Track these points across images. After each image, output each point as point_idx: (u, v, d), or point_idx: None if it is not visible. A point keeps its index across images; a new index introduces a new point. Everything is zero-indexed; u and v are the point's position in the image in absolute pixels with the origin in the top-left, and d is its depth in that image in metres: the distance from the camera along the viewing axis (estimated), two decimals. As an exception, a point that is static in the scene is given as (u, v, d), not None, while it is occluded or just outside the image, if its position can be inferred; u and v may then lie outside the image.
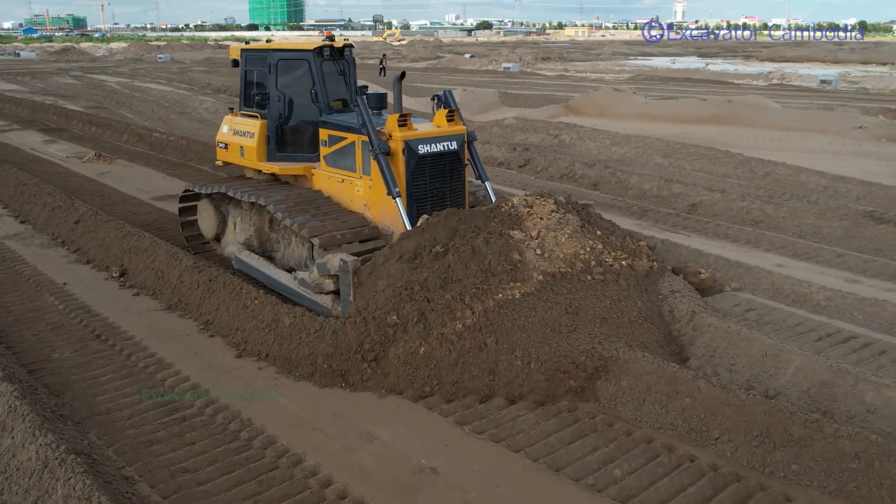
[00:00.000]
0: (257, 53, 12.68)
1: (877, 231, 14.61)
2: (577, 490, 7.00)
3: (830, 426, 7.27)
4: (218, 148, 13.41)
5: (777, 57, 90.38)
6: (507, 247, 9.45)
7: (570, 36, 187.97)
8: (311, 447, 7.66)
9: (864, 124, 26.88)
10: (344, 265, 9.64)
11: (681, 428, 7.86)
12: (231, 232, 13.08)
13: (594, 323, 9.09)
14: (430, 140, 10.88)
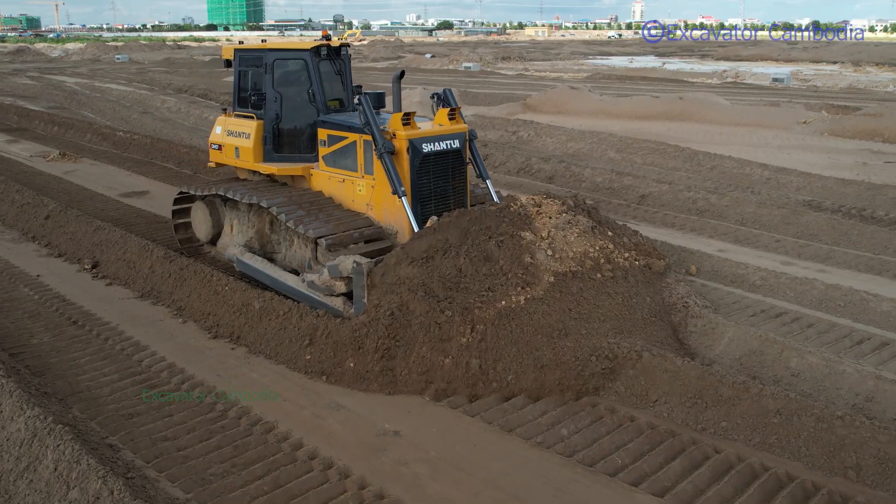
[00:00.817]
0: (252, 53, 12.51)
1: (813, 218, 15.54)
2: (527, 447, 7.69)
3: (756, 387, 8.06)
4: (211, 150, 13.25)
5: (732, 56, 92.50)
6: (518, 249, 9.40)
7: (531, 36, 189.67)
8: (283, 416, 8.26)
9: (807, 119, 28.09)
10: (358, 267, 9.58)
11: (623, 393, 8.57)
12: (228, 234, 13.01)
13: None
14: (434, 139, 10.83)
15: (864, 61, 79.60)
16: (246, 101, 12.52)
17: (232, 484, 7.05)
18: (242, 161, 12.54)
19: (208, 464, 7.38)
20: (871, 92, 45.58)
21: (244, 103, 12.59)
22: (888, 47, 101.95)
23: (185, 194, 13.64)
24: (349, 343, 9.09)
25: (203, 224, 13.34)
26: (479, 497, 6.86)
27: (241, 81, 12.69)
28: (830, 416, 7.55)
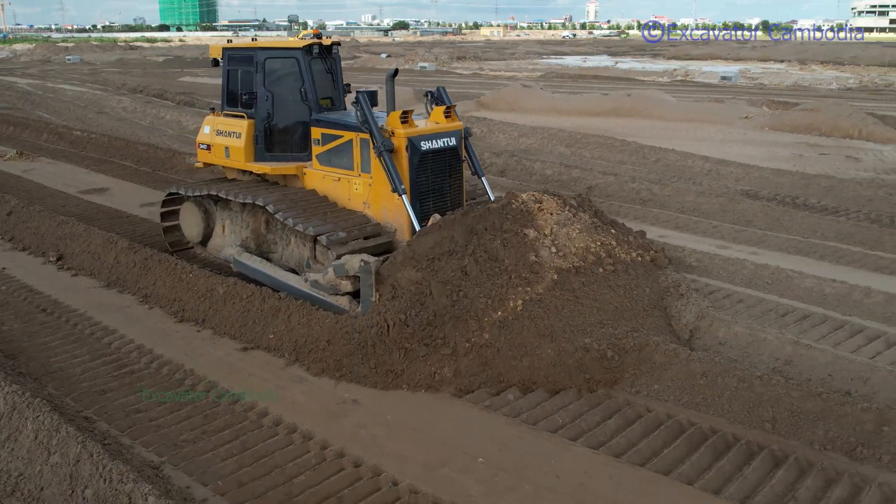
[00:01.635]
0: (242, 52, 12.40)
1: (749, 206, 16.48)
2: (476, 411, 8.36)
3: (685, 353, 8.82)
4: (199, 150, 13.14)
5: (683, 55, 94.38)
6: (523, 247, 9.53)
7: (486, 36, 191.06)
8: (248, 388, 8.82)
9: (749, 115, 29.26)
10: (366, 266, 9.54)
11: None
12: (220, 235, 12.94)
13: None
14: (432, 136, 10.85)
15: (810, 60, 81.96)
16: (235, 100, 12.42)
17: (203, 448, 7.61)
18: (233, 161, 12.47)
19: (180, 431, 7.93)
20: (815, 89, 47.25)
21: (234, 102, 12.50)
22: (833, 46, 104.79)
23: (174, 195, 13.47)
24: (358, 343, 9.15)
25: (193, 225, 13.24)
26: (432, 452, 7.51)
27: (231, 80, 12.58)
28: (750, 377, 8.34)
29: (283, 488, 6.94)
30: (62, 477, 6.94)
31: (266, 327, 10.14)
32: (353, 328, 9.25)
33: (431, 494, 6.81)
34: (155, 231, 15.18)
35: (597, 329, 9.15)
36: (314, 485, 6.98)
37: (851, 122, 27.15)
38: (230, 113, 12.57)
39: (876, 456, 7.35)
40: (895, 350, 9.71)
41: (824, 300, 11.33)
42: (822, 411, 7.83)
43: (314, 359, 9.40)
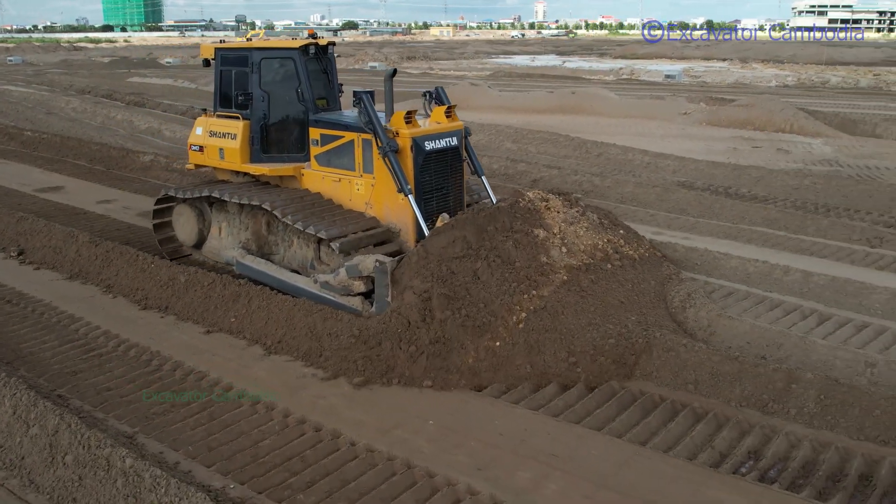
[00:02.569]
0: (236, 53, 12.32)
1: (684, 195, 17.47)
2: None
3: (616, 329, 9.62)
4: (191, 151, 13.02)
5: (629, 54, 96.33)
6: (534, 248, 9.68)
7: (436, 36, 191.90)
8: (213, 367, 9.40)
9: (688, 111, 30.50)
10: (381, 266, 9.58)
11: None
12: (216, 237, 12.85)
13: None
14: (435, 136, 10.88)
15: (751, 58, 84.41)
16: (229, 101, 12.39)
17: (173, 419, 8.20)
18: (228, 162, 12.41)
19: (150, 406, 8.49)
20: (755, 87, 48.93)
21: (227, 103, 12.45)
22: (773, 45, 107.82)
23: (169, 197, 13.29)
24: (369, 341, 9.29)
25: (188, 227, 13.12)
26: (385, 418, 8.20)
27: (224, 81, 12.50)
28: (676, 345, 9.17)
29: (250, 451, 7.56)
30: (42, 446, 7.47)
31: (227, 311, 10.71)
32: (364, 327, 9.42)
33: (386, 452, 7.50)
34: (114, 227, 15.63)
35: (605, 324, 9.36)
36: (278, 447, 7.63)
37: (783, 117, 28.52)
38: (224, 114, 12.51)
39: (785, 410, 8.23)
40: (809, 320, 10.66)
41: (748, 278, 12.27)
42: (738, 373, 8.70)
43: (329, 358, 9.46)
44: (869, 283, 11.74)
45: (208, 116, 12.86)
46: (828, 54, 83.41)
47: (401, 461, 7.36)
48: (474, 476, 7.12)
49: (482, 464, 7.34)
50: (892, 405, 7.83)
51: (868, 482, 7.12)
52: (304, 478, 7.10)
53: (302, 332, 9.92)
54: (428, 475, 7.15)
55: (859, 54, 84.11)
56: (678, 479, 7.11)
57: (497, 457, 7.48)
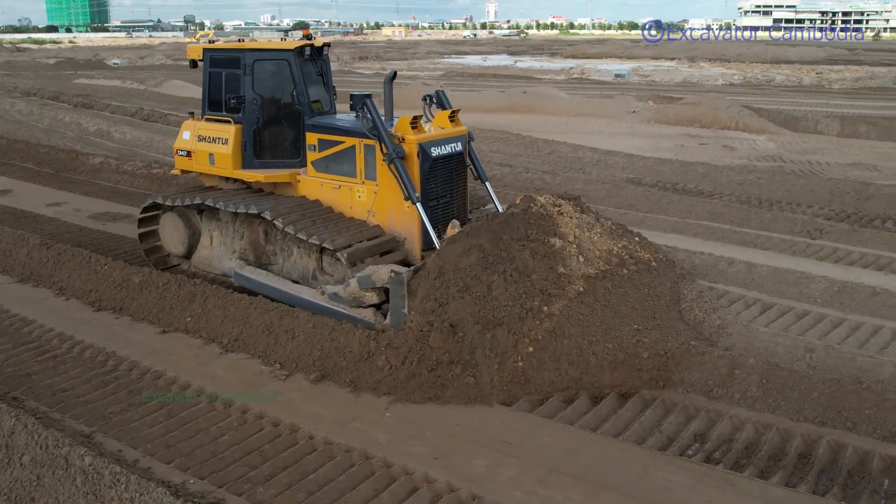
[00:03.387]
0: (227, 54, 11.77)
1: (632, 191, 17.88)
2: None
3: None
4: (177, 156, 12.47)
5: (580, 54, 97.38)
6: (551, 258, 9.32)
7: (388, 36, 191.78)
8: (170, 365, 9.45)
9: (636, 109, 31.08)
10: (397, 277, 9.21)
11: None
12: (207, 247, 12.29)
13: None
14: (441, 142, 10.53)
15: (699, 57, 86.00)
16: (219, 104, 11.86)
17: (130, 418, 8.24)
18: (219, 168, 11.90)
19: (107, 405, 8.52)
20: (703, 85, 49.94)
21: (216, 106, 11.93)
22: (719, 45, 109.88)
23: (156, 205, 12.67)
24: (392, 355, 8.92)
25: (176, 237, 12.52)
26: (344, 410, 8.35)
27: (213, 83, 11.95)
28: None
29: (209, 447, 7.65)
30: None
31: (183, 311, 10.74)
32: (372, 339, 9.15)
33: (344, 444, 7.65)
34: (65, 229, 15.48)
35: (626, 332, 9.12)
36: (237, 442, 7.73)
37: (729, 115, 29.25)
38: (213, 118, 12.02)
39: (729, 394, 8.57)
40: (752, 309, 11.07)
41: (693, 270, 12.64)
42: (685, 360, 9.00)
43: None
44: (809, 273, 12.21)
45: (196, 120, 12.36)
46: (772, 53, 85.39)
47: (359, 452, 7.51)
48: (431, 465, 7.30)
49: (439, 453, 7.53)
50: (830, 388, 8.21)
51: (807, 460, 7.47)
52: (263, 471, 7.22)
53: (258, 330, 10.01)
54: (385, 465, 7.32)
55: (803, 53, 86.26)
56: (627, 461, 7.38)
57: (453, 446, 7.67)
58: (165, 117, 31.24)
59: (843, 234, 14.72)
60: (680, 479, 7.10)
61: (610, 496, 6.87)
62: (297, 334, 9.69)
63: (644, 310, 9.50)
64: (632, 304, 9.46)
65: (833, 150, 25.25)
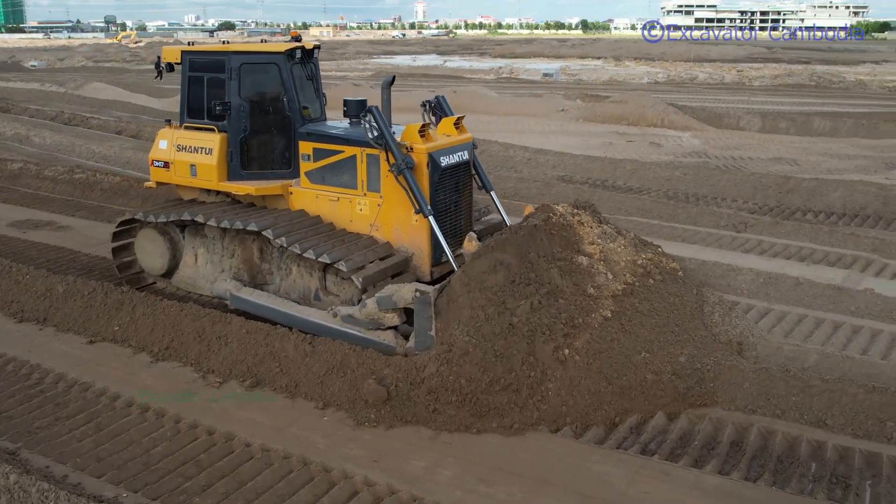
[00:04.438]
0: (210, 57, 11.07)
1: (563, 189, 18.11)
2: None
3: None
4: (153, 167, 11.67)
5: (508, 53, 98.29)
6: (579, 276, 8.84)
7: (316, 36, 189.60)
8: (99, 376, 9.17)
9: (565, 108, 31.49)
10: (423, 297, 8.55)
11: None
12: (191, 266, 11.52)
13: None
14: (449, 151, 10.06)
15: (624, 57, 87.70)
16: (199, 112, 11.13)
17: (58, 432, 7.97)
18: (202, 180, 11.13)
19: (32, 420, 8.22)
20: (628, 84, 50.93)
21: (197, 114, 11.20)
22: (645, 44, 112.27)
23: (134, 221, 11.75)
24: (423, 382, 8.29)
25: (155, 255, 11.63)
26: (280, 416, 8.24)
27: (193, 89, 11.23)
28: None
29: (142, 459, 7.45)
30: (-86, 469, 7.12)
31: (111, 320, 10.44)
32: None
33: (282, 450, 7.54)
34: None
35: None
36: (171, 453, 7.54)
37: (655, 113, 29.89)
38: (193, 125, 11.29)
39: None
40: (681, 303, 11.29)
41: (625, 266, 12.86)
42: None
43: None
44: (735, 266, 12.56)
45: (174, 128, 11.57)
46: (695, 52, 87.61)
47: (297, 458, 7.42)
48: (371, 468, 7.26)
49: (378, 455, 7.48)
50: (759, 377, 8.45)
51: (739, 448, 7.66)
52: (199, 481, 7.07)
53: (190, 338, 9.80)
54: (324, 470, 7.24)
55: (724, 52, 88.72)
56: (566, 456, 7.47)
57: (392, 448, 7.64)
58: (87, 120, 30.36)
59: (766, 227, 15.17)
60: (618, 471, 7.22)
61: (550, 491, 6.94)
62: (230, 340, 9.53)
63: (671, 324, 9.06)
64: (658, 320, 8.98)
65: (755, 145, 26.02)
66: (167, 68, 11.70)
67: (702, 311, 9.65)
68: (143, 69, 67.43)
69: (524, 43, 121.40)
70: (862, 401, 7.98)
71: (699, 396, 8.37)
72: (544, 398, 8.06)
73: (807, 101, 39.83)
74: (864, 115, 32.40)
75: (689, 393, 8.38)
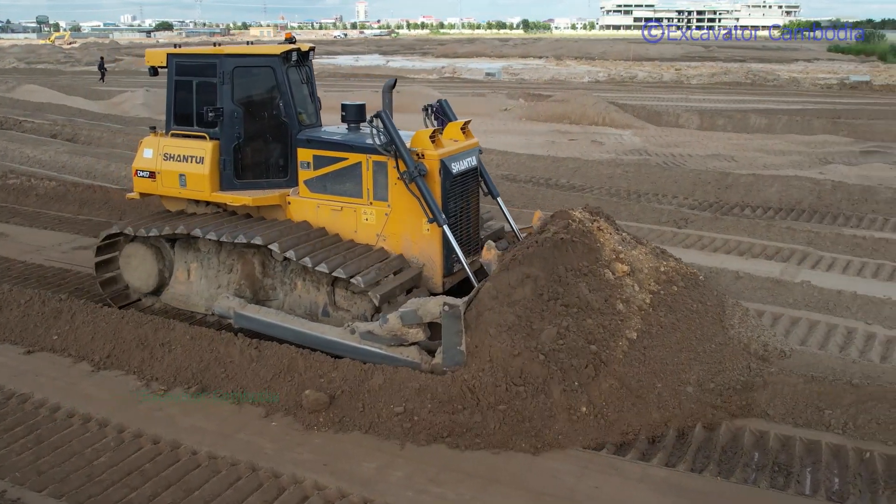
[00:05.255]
0: (199, 60, 10.54)
1: (507, 188, 18.20)
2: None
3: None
4: (136, 178, 11.10)
5: (450, 53, 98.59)
6: (609, 291, 8.54)
7: (256, 36, 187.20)
8: (38, 387, 8.91)
9: (508, 107, 31.69)
10: (453, 311, 8.13)
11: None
12: (183, 281, 10.93)
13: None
14: (459, 157, 9.75)
15: (565, 56, 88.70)
16: (187, 118, 10.66)
17: (-6, 447, 7.73)
18: (193, 190, 10.64)
19: (-33, 436, 7.96)
20: (570, 83, 51.53)
21: (185, 120, 10.71)
22: (585, 43, 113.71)
23: (118, 235, 11.09)
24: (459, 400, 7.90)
25: (143, 271, 11.02)
26: (227, 422, 8.13)
27: (180, 94, 10.71)
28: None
29: (85, 471, 7.27)
30: None
31: (49, 329, 10.16)
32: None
33: (229, 457, 7.45)
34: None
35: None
36: (115, 464, 7.38)
37: (596, 111, 30.30)
38: (181, 133, 10.78)
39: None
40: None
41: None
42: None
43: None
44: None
45: (159, 136, 11.01)
46: (634, 51, 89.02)
47: (245, 464, 7.33)
48: (320, 472, 7.21)
49: (327, 459, 7.44)
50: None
51: (684, 440, 7.81)
52: (145, 492, 6.93)
53: (132, 345, 9.60)
54: (273, 475, 7.17)
55: (662, 51, 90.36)
56: (515, 454, 7.51)
57: (342, 451, 7.60)
58: (20, 124, 29.53)
59: (706, 223, 15.50)
60: (566, 467, 7.29)
61: (499, 489, 6.98)
62: (174, 347, 9.36)
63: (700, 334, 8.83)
64: (685, 330, 8.74)
65: (693, 142, 26.55)
66: (151, 72, 11.22)
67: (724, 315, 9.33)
68: (79, 71, 65.96)
69: (466, 43, 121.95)
70: (802, 390, 8.21)
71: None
72: (550, 430, 7.73)
73: (743, 98, 40.83)
74: (798, 111, 33.39)
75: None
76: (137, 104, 34.80)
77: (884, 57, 76.69)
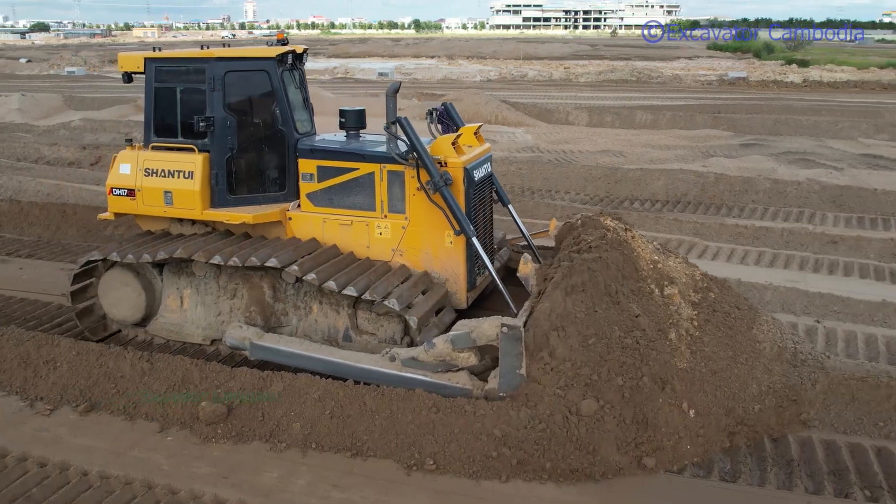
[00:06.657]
0: (184, 64, 9.64)
1: (404, 188, 18.21)
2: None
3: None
4: (112, 196, 10.01)
5: (342, 53, 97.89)
6: (660, 310, 8.04)
7: (139, 37, 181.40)
8: None
9: (402, 107, 31.63)
10: (513, 332, 7.53)
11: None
12: (176, 310, 9.92)
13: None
14: (478, 163, 9.26)
15: (457, 55, 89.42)
16: (171, 129, 9.72)
17: None
18: (181, 209, 9.65)
19: None
20: (462, 82, 52.01)
21: (168, 131, 9.76)
22: (476, 43, 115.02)
23: (98, 261, 10.03)
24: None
25: (128, 301, 9.96)
26: (119, 439, 7.82)
27: (161, 102, 9.75)
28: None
29: (-36, 500, 6.87)
30: None
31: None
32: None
33: (123, 475, 7.16)
34: None
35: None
36: (-2, 490, 7.00)
37: (489, 109, 30.65)
38: (164, 145, 9.81)
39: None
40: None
41: (467, 261, 13.12)
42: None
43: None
44: (571, 256, 13.05)
45: (138, 150, 9.97)
46: (524, 50, 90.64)
47: (140, 482, 7.06)
48: (220, 485, 7.03)
49: (227, 471, 7.25)
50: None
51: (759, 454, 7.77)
52: (31, 518, 6.60)
53: (14, 364, 9.10)
54: (170, 492, 6.94)
55: (551, 49, 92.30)
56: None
57: (242, 461, 7.43)
58: None
59: (597, 217, 15.89)
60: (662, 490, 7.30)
61: (403, 490, 6.97)
62: (59, 364, 8.91)
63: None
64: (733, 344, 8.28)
65: (583, 139, 27.21)
66: (125, 78, 10.13)
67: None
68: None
69: (358, 42, 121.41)
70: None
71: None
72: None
73: (629, 95, 42.16)
74: (681, 107, 34.71)
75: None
76: (13, 109, 33.08)
77: (758, 54, 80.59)
